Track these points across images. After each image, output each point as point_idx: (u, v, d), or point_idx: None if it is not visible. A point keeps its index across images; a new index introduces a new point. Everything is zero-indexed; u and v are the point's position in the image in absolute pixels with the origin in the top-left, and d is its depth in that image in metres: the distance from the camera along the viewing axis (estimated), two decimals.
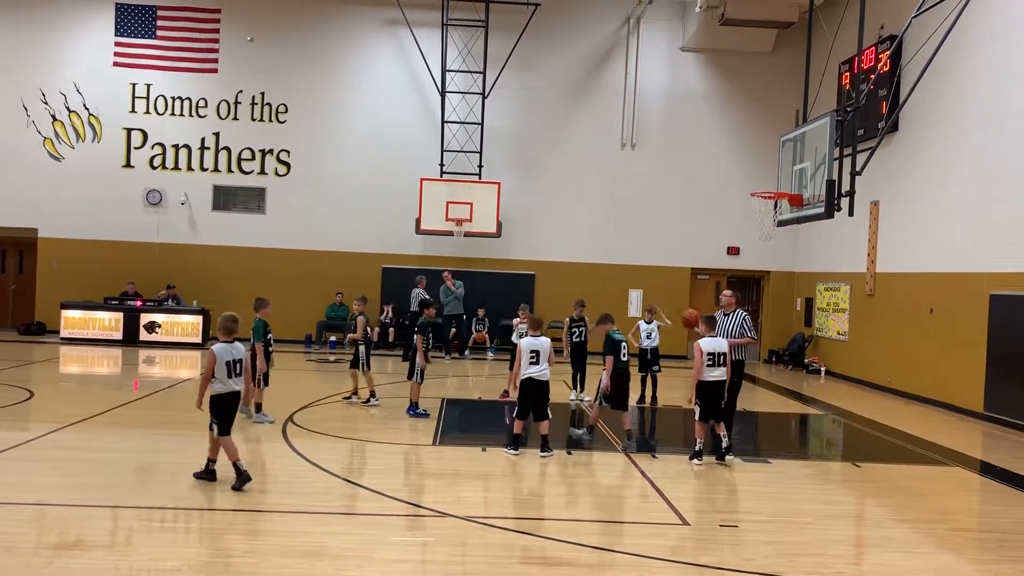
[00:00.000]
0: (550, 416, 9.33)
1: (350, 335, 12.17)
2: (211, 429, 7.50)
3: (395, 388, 13.80)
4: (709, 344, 9.08)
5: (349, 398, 12.21)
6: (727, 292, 10.60)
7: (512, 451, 9.22)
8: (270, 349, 10.74)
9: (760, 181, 17.89)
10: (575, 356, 13.06)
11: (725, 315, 10.11)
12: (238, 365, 7.58)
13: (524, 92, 20.68)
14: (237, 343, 7.70)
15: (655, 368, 12.91)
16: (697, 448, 9.20)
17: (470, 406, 13.05)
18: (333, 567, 5.66)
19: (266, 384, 10.68)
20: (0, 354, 16.07)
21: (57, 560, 5.60)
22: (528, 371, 9.22)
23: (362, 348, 11.87)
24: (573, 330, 13.01)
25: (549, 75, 20.73)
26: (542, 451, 9.19)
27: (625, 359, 9.66)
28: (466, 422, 11.93)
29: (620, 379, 9.61)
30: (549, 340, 9.45)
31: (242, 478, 7.37)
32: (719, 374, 9.05)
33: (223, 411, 7.50)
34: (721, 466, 9.00)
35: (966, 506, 8.32)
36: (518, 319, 14.10)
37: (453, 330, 18.77)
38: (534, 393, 9.24)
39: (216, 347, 7.51)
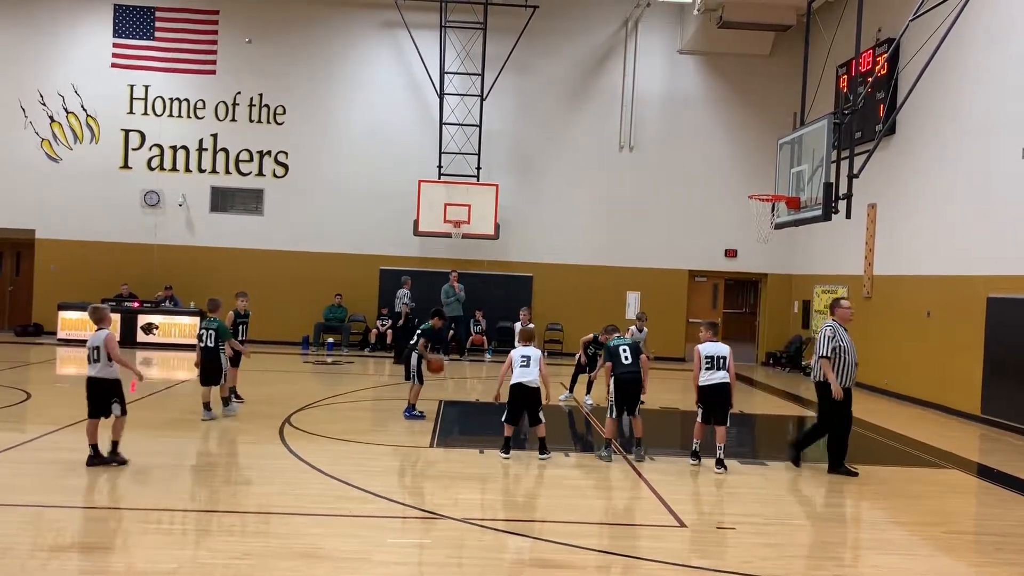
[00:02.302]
0: (543, 420, 9.30)
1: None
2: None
3: (392, 390, 13.80)
4: (708, 348, 9.12)
5: (239, 399, 11.71)
6: (847, 303, 9.34)
7: (503, 454, 9.22)
8: (200, 345, 10.74)
9: (758, 184, 17.92)
10: (586, 364, 12.95)
11: (846, 330, 9.20)
12: (94, 352, 8.00)
13: (522, 94, 20.70)
14: (100, 332, 8.07)
15: None
16: (694, 448, 9.24)
17: (468, 408, 13.05)
18: (330, 569, 5.65)
19: (204, 384, 10.74)
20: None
21: (53, 562, 5.59)
22: (517, 376, 9.19)
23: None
24: (590, 348, 12.84)
25: (547, 77, 20.74)
26: (541, 454, 9.19)
27: (628, 361, 9.33)
28: (463, 424, 11.93)
29: (622, 385, 9.33)
30: (540, 352, 9.43)
31: (96, 459, 7.97)
32: (719, 377, 9.05)
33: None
34: (718, 471, 8.94)
35: (963, 509, 8.32)
36: (520, 323, 13.95)
37: (451, 332, 18.79)
38: (523, 399, 9.19)
39: None
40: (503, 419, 9.34)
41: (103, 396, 8.05)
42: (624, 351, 9.39)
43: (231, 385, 11.41)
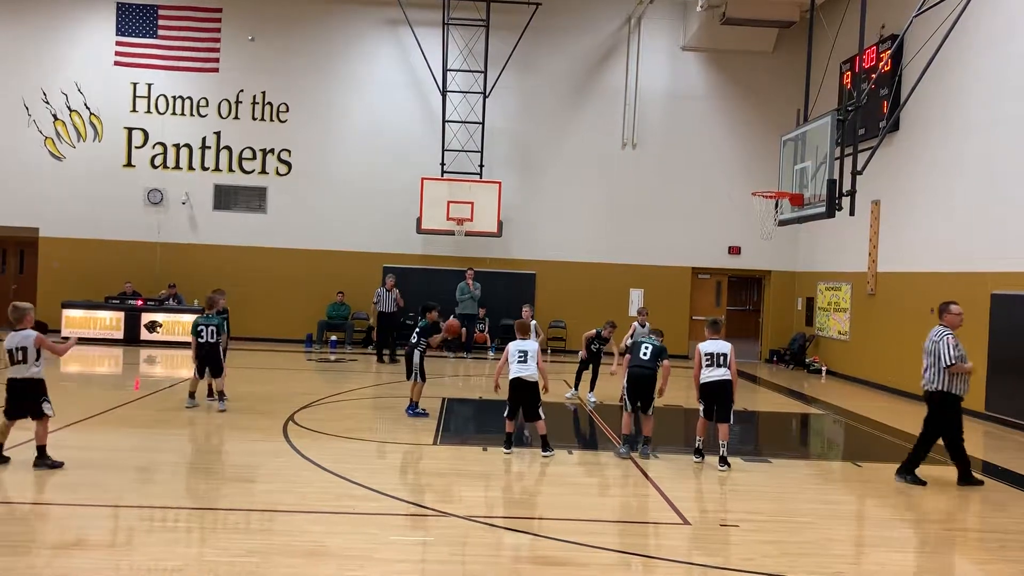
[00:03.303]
0: (543, 416, 9.28)
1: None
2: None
3: (393, 388, 13.81)
4: (708, 346, 9.17)
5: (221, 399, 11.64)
6: (958, 308, 8.85)
7: (505, 450, 9.26)
8: (200, 340, 11.11)
9: (761, 180, 17.90)
10: (589, 360, 12.87)
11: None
12: (19, 352, 7.85)
13: (525, 91, 20.68)
14: (25, 332, 7.93)
15: None
16: (697, 446, 9.26)
17: (471, 406, 13.05)
18: (335, 567, 5.66)
19: (201, 376, 11.18)
20: (1, 354, 16.05)
21: (57, 560, 5.60)
22: (515, 371, 9.23)
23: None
24: (594, 344, 12.71)
25: (550, 74, 20.72)
26: (543, 451, 9.20)
27: (645, 357, 9.34)
28: (467, 422, 11.94)
29: (631, 378, 9.37)
30: (536, 345, 9.45)
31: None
32: (719, 374, 9.05)
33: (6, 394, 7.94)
34: (721, 469, 8.92)
35: (967, 506, 8.31)
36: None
37: (464, 329, 18.81)
38: (520, 394, 9.23)
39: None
40: (505, 414, 9.39)
41: (31, 397, 7.85)
42: (646, 348, 9.41)
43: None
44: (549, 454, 9.16)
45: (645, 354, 9.38)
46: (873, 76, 15.26)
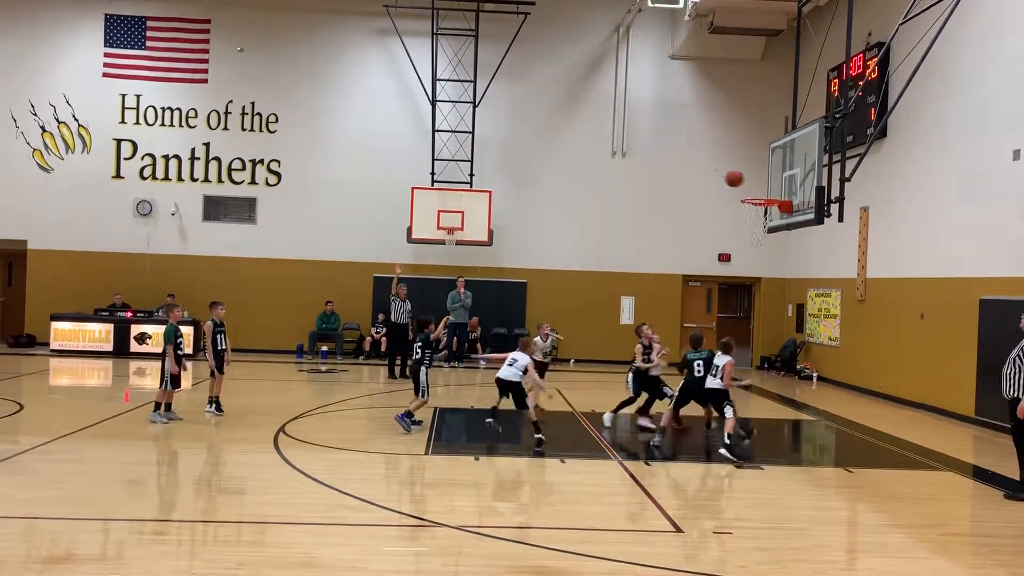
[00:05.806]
0: (529, 407, 10.30)
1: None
2: None
3: (387, 398, 13.77)
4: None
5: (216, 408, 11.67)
6: None
7: (488, 419, 10.44)
8: (180, 352, 11.21)
9: (750, 188, 17.85)
10: (641, 384, 11.92)
11: None
12: None
13: (515, 101, 20.72)
14: None
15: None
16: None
17: (463, 416, 13.02)
18: None
19: (175, 386, 11.08)
20: None
21: (47, 574, 5.55)
22: (499, 373, 10.37)
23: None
24: (646, 358, 11.75)
25: (539, 84, 20.78)
26: (536, 435, 10.01)
27: (699, 374, 10.36)
28: (459, 432, 11.91)
29: (684, 391, 10.60)
30: (528, 359, 10.36)
31: None
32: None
33: None
34: (721, 474, 8.92)
35: (959, 511, 8.34)
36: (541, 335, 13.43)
37: (455, 338, 18.80)
38: (504, 388, 10.31)
39: None
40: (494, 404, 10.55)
41: None
42: (698, 365, 10.44)
43: (217, 394, 11.68)
44: (540, 437, 9.92)
45: (699, 370, 10.37)
46: (860, 83, 15.34)
